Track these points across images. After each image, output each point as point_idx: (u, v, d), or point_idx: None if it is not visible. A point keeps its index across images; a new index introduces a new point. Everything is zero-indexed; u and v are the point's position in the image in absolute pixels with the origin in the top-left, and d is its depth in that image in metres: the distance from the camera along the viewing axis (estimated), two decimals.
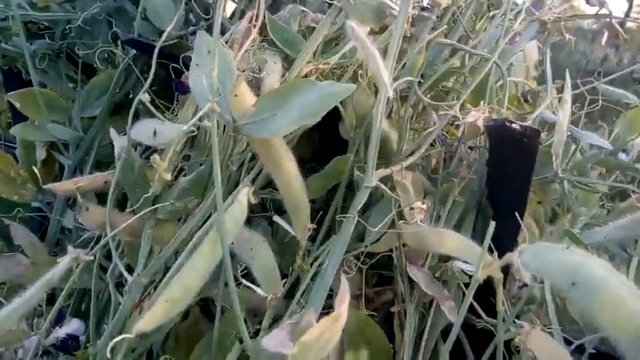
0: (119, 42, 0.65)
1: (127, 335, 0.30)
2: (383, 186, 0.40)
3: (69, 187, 0.47)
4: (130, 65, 0.64)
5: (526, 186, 0.52)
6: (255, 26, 0.45)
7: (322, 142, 0.55)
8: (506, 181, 0.52)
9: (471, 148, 0.52)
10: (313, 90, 0.37)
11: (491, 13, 0.77)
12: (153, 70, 0.48)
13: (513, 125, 0.43)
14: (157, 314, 0.31)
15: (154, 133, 0.41)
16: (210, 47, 0.41)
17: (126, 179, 0.47)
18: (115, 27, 0.64)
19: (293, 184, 0.42)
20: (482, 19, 0.75)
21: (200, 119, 0.51)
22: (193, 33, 0.63)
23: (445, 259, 0.49)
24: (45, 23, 0.66)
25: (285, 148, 0.41)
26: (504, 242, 0.44)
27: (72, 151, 0.66)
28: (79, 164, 0.66)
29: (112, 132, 0.49)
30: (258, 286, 0.41)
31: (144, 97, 0.42)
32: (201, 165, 0.53)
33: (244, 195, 0.37)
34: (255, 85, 0.45)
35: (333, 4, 0.51)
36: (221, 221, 0.34)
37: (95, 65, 0.74)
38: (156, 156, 0.35)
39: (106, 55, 0.69)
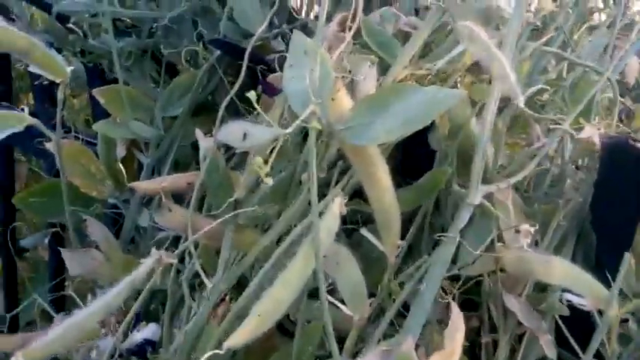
0: (204, 42, 0.65)
1: (218, 351, 0.28)
2: (488, 204, 0.37)
3: (153, 186, 0.46)
4: (214, 66, 0.63)
5: (638, 212, 0.47)
6: (350, 28, 0.42)
7: (406, 152, 0.52)
8: (616, 206, 0.47)
9: (576, 167, 0.47)
10: (416, 95, 0.34)
11: (590, 23, 0.72)
12: (243, 72, 0.46)
13: (638, 144, 0.39)
14: (249, 329, 0.29)
15: (244, 136, 0.39)
16: (307, 48, 0.39)
17: (210, 181, 0.45)
18: (201, 27, 0.63)
19: (386, 196, 0.39)
20: (580, 29, 0.69)
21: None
22: (276, 36, 0.62)
23: (542, 287, 0.45)
24: (131, 21, 0.67)
25: (380, 158, 0.38)
26: (606, 272, 0.40)
27: (152, 149, 0.66)
28: (157, 163, 0.66)
29: (198, 132, 0.48)
30: (343, 303, 0.38)
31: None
32: (280, 171, 0.52)
33: (337, 205, 0.34)
34: (349, 89, 0.42)
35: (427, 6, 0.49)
36: (317, 234, 0.31)
37: (178, 66, 0.74)
38: (259, 158, 0.33)
39: (190, 56, 0.69)
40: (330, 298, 0.37)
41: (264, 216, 0.49)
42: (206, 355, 0.27)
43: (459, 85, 0.46)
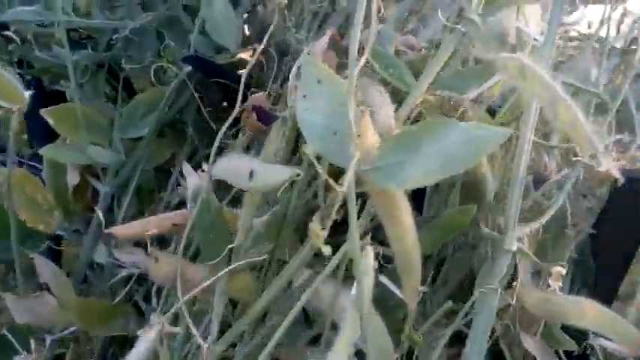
0: (170, 56, 0.59)
1: None
2: (527, 250, 0.34)
3: (135, 231, 0.39)
4: (185, 82, 0.57)
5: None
6: (363, 50, 0.38)
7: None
8: (620, 231, 0.46)
9: (584, 195, 0.46)
10: (455, 133, 0.31)
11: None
12: (240, 98, 0.41)
13: None
14: None
15: (251, 175, 0.34)
16: (320, 77, 0.34)
17: (201, 224, 0.39)
18: (168, 39, 0.57)
19: (408, 238, 0.35)
20: None
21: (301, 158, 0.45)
22: (254, 51, 0.57)
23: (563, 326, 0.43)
24: (86, 32, 0.59)
25: (404, 198, 0.34)
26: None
27: (110, 176, 0.58)
28: (117, 190, 0.59)
29: (186, 167, 0.42)
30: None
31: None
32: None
33: (370, 255, 0.30)
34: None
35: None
36: (363, 292, 0.27)
37: (134, 83, 0.67)
38: (317, 226, 0.28)
39: (153, 71, 0.62)
40: None
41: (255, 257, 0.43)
42: None
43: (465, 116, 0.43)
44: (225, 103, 0.63)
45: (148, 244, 0.40)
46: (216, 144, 0.40)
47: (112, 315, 0.55)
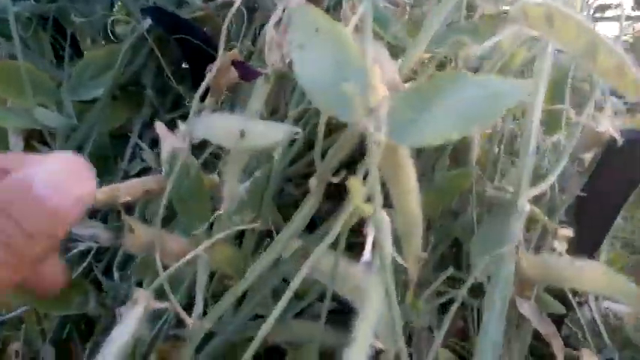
0: (124, 10, 0.53)
1: None
2: (538, 210, 0.33)
3: (102, 198, 0.35)
4: (141, 39, 0.52)
5: (623, 203, 0.47)
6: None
7: None
8: (606, 195, 0.46)
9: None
10: (471, 88, 0.29)
11: None
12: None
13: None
14: None
15: (242, 134, 0.31)
16: (319, 25, 0.31)
17: (180, 192, 0.36)
18: None
19: (412, 201, 0.33)
20: None
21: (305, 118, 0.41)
22: (225, 6, 0.52)
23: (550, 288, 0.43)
24: None
25: (409, 158, 0.32)
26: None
27: (60, 141, 0.52)
28: None
29: (160, 126, 0.38)
30: None
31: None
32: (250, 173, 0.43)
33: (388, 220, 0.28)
34: None
35: None
36: (385, 265, 0.25)
37: (80, 39, 0.61)
38: (356, 179, 0.25)
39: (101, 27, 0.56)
40: None
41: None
42: None
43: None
44: (184, 64, 0.59)
45: (123, 215, 0.36)
46: (195, 101, 0.36)
47: (67, 292, 0.50)
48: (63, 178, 0.25)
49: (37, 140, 0.55)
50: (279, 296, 0.40)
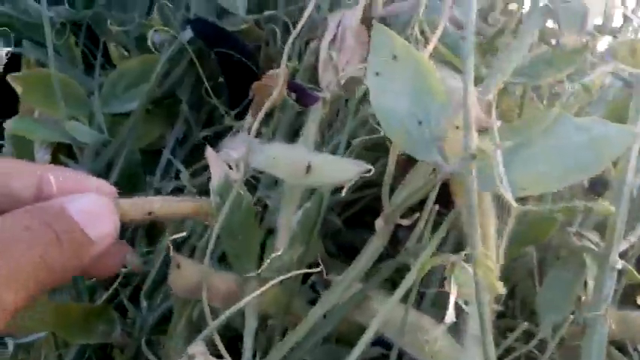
0: (162, 20, 0.50)
1: None
2: (632, 269, 0.29)
3: (138, 213, 0.30)
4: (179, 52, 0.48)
5: None
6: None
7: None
8: None
9: None
10: (576, 132, 0.25)
11: None
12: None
13: None
14: None
15: (308, 169, 0.27)
16: (397, 52, 0.28)
17: (230, 224, 0.32)
18: None
19: (489, 248, 0.30)
20: None
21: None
22: (270, 20, 0.49)
23: None
24: None
25: (491, 203, 0.29)
26: None
27: (89, 156, 0.49)
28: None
29: (210, 152, 0.34)
30: None
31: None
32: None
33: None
34: None
35: None
36: (486, 327, 0.21)
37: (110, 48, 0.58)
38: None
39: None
40: None
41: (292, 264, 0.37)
42: None
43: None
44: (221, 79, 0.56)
45: (170, 248, 0.33)
46: (249, 125, 0.33)
47: (93, 320, 0.47)
48: (96, 211, 0.25)
49: (64, 154, 0.52)
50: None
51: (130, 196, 0.53)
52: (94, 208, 0.25)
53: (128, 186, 0.53)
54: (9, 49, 0.32)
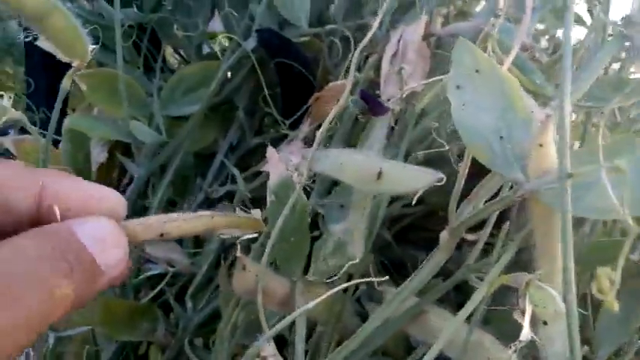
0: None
1: None
2: None
3: (150, 234, 0.28)
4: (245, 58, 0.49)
5: None
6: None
7: None
8: None
9: None
10: None
11: None
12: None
13: None
14: None
15: (379, 175, 0.27)
16: (480, 65, 0.28)
17: (285, 228, 0.32)
18: (228, 7, 0.49)
19: (554, 270, 0.29)
20: None
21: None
22: (330, 33, 0.50)
23: None
24: None
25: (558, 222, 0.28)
26: None
27: (146, 157, 0.50)
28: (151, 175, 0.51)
29: (271, 151, 0.35)
30: None
31: None
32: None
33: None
34: None
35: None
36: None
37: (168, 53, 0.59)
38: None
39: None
40: None
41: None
42: None
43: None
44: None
45: (238, 251, 0.33)
46: (304, 133, 0.33)
47: (137, 318, 0.48)
48: (106, 237, 0.22)
49: (120, 152, 0.53)
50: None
51: (181, 198, 0.54)
52: (104, 234, 0.22)
53: (179, 189, 0.54)
54: (96, 46, 0.32)
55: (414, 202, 0.29)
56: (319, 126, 0.52)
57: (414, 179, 0.28)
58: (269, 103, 0.50)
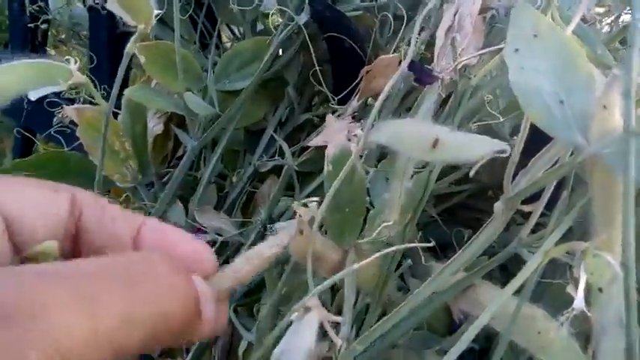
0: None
1: None
2: None
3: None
4: (296, 33, 0.50)
5: None
6: None
7: None
8: None
9: None
10: None
11: None
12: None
13: None
14: None
15: (435, 143, 0.27)
16: (539, 29, 0.27)
17: (339, 197, 0.33)
18: None
19: (614, 239, 0.28)
20: None
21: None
22: (382, 8, 0.49)
23: None
24: None
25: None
26: None
27: (199, 130, 0.52)
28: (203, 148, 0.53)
29: (330, 119, 0.35)
30: None
31: None
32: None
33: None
34: None
35: None
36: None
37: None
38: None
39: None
40: None
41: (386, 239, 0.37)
42: None
43: None
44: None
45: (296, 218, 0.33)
46: (378, 105, 0.33)
47: None
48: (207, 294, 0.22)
49: (175, 125, 0.54)
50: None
51: (231, 171, 0.55)
52: (204, 291, 0.21)
53: (230, 162, 0.55)
54: (161, 11, 0.33)
55: (471, 174, 0.28)
56: (367, 102, 0.52)
57: (474, 147, 0.27)
58: (319, 78, 0.50)
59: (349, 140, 0.34)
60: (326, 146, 0.48)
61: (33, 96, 0.35)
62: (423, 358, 0.38)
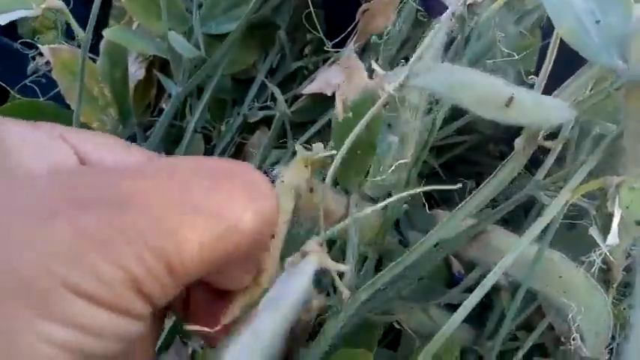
0: None
1: None
2: None
3: None
4: None
5: None
6: None
7: None
8: None
9: None
10: None
11: None
12: None
13: None
14: None
15: (509, 101, 0.24)
16: None
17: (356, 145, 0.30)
18: None
19: None
20: None
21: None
22: None
23: None
24: None
25: None
26: None
27: (184, 75, 0.48)
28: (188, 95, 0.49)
29: (353, 58, 0.32)
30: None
31: None
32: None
33: None
34: None
35: None
36: None
37: None
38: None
39: None
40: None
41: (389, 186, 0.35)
42: None
43: None
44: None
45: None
46: (350, 53, 0.30)
47: None
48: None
49: (158, 70, 0.51)
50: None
51: (218, 123, 0.52)
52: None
53: (216, 113, 0.52)
54: None
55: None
56: (365, 47, 0.49)
57: (549, 113, 0.24)
58: (313, 21, 0.47)
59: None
60: (321, 94, 0.46)
61: (3, 20, 0.31)
62: (426, 310, 0.36)
